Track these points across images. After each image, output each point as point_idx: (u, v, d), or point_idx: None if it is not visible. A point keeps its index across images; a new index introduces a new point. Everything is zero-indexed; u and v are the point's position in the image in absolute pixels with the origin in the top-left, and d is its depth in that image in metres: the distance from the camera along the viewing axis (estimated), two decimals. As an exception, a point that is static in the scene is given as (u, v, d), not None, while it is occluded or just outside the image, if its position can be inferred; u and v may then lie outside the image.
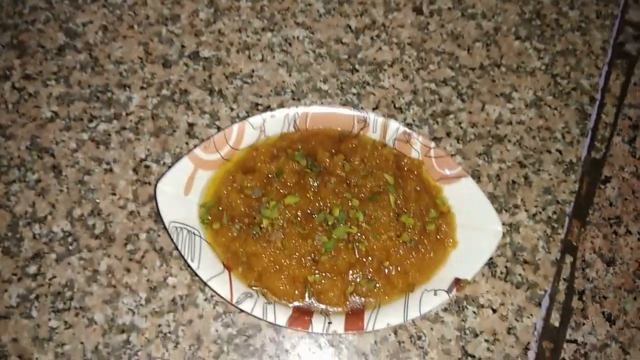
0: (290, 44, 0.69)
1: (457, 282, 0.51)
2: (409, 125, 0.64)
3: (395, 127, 0.56)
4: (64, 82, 0.65)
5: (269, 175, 0.55)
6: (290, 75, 0.67)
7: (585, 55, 0.70)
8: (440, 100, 0.67)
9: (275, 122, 0.56)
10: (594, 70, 0.69)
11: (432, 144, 0.56)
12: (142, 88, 0.66)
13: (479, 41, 0.70)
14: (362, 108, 0.64)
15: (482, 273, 0.58)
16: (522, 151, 0.65)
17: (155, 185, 0.55)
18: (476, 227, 0.53)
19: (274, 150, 0.56)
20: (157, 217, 0.59)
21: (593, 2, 0.74)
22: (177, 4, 0.71)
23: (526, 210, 0.62)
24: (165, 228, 0.55)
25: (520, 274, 0.59)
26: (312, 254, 0.52)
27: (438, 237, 0.53)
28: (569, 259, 0.60)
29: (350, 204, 0.52)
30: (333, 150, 0.55)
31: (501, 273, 0.59)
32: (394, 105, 0.66)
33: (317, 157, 0.55)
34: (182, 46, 0.68)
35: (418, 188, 0.54)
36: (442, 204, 0.55)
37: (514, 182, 0.63)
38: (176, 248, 0.54)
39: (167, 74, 0.67)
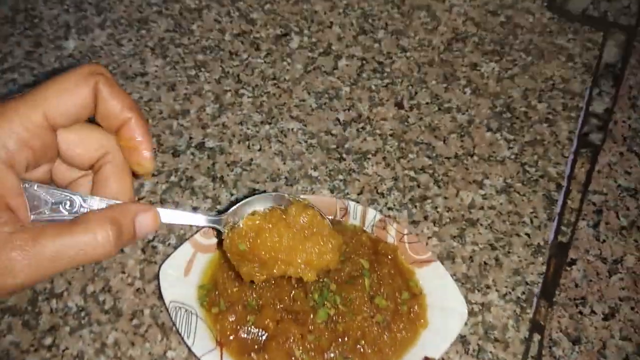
0: (285, 135, 0.78)
1: (427, 361, 0.57)
2: (389, 209, 0.71)
3: (372, 214, 0.63)
4: (85, 170, 0.74)
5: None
6: (284, 163, 0.75)
7: (552, 145, 0.78)
8: (419, 186, 0.74)
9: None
10: (561, 158, 0.76)
11: (406, 231, 0.63)
12: (153, 175, 0.74)
13: (454, 133, 0.78)
14: (345, 196, 0.72)
15: (456, 350, 0.63)
16: (493, 234, 0.71)
17: (160, 266, 0.62)
18: (444, 308, 0.59)
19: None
20: (161, 294, 0.66)
21: (560, 95, 0.82)
22: (187, 100, 0.81)
23: (497, 291, 0.67)
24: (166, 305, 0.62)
25: (491, 352, 0.64)
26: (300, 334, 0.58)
27: (410, 317, 0.59)
28: (536, 337, 0.65)
29: (328, 287, 0.58)
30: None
31: (473, 350, 0.64)
32: (377, 191, 0.73)
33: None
34: (190, 137, 0.77)
35: (392, 271, 0.60)
36: (415, 286, 0.61)
37: (485, 263, 0.69)
38: (174, 325, 0.60)
39: (175, 163, 0.75)
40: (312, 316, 0.57)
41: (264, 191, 0.73)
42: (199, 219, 0.49)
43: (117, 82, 0.40)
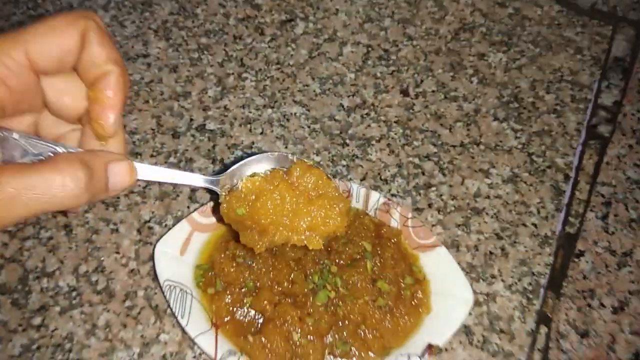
0: (287, 120, 0.76)
1: (430, 348, 0.54)
2: (393, 196, 0.70)
3: (376, 197, 0.61)
4: (82, 149, 0.73)
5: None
6: (286, 147, 0.74)
7: (560, 135, 0.76)
8: (423, 173, 0.72)
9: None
10: (569, 150, 0.75)
11: (410, 214, 0.61)
12: (151, 156, 0.73)
13: (460, 121, 0.77)
14: (349, 179, 0.70)
15: (460, 341, 0.61)
16: (499, 224, 0.69)
17: (154, 245, 0.60)
18: (449, 294, 0.57)
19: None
20: (156, 275, 0.64)
21: (568, 87, 0.80)
22: (189, 82, 0.79)
23: (503, 281, 0.65)
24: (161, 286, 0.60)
25: (496, 343, 0.61)
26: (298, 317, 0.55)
27: (413, 302, 0.57)
28: (543, 329, 0.62)
29: (329, 270, 0.56)
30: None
31: (478, 341, 0.61)
32: (380, 177, 0.71)
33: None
34: (191, 119, 0.76)
35: (395, 255, 0.58)
36: (418, 271, 0.59)
37: (491, 252, 0.67)
38: (168, 305, 0.58)
39: (175, 144, 0.74)
40: (311, 299, 0.55)
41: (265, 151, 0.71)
42: (193, 179, 0.45)
43: (107, 31, 0.38)
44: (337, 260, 0.57)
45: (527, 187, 0.72)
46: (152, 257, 0.65)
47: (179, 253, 0.58)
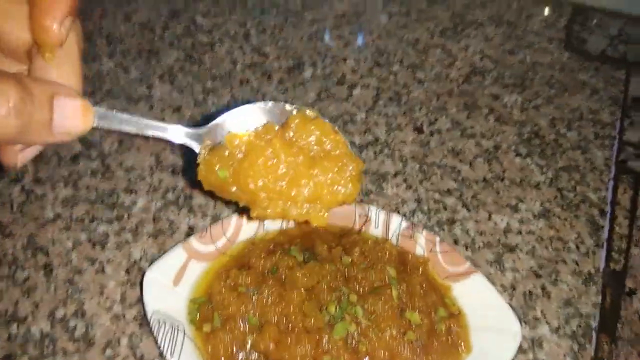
0: (295, 157, 0.71)
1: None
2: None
3: (397, 221, 0.54)
4: (72, 185, 0.67)
5: (264, 272, 0.52)
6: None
7: (589, 171, 0.71)
8: (445, 209, 0.66)
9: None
10: (600, 184, 0.69)
11: (437, 238, 0.54)
12: (147, 192, 0.67)
13: (480, 157, 0.72)
14: (362, 201, 0.63)
15: (505, 394, 0.51)
16: (535, 261, 0.61)
17: (144, 273, 0.52)
18: (491, 328, 0.48)
19: (270, 246, 0.53)
20: (143, 320, 0.55)
21: (589, 125, 0.77)
22: (192, 120, 0.75)
23: (548, 323, 0.56)
24: (149, 328, 0.51)
25: (548, 397, 0.51)
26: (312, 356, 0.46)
27: (449, 339, 0.47)
28: (603, 379, 0.52)
29: (348, 299, 0.47)
30: (333, 245, 0.53)
31: (526, 394, 0.51)
32: (398, 212, 0.65)
33: (315, 250, 0.52)
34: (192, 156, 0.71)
35: (424, 285, 0.50)
36: (452, 304, 0.50)
37: (530, 292, 0.58)
38: (156, 342, 0.48)
39: (174, 181, 0.68)
40: (328, 334, 0.46)
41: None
42: (167, 130, 0.36)
43: None
44: (356, 287, 0.49)
45: (561, 223, 0.65)
46: (139, 300, 0.56)
47: (171, 283, 0.50)
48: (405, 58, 0.87)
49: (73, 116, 0.30)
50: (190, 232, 0.62)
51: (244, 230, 0.55)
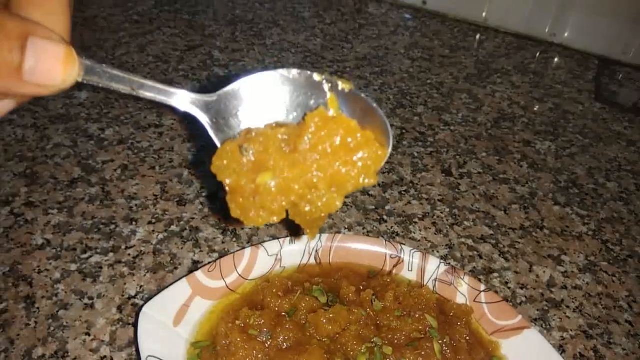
0: (314, 193, 0.65)
1: None
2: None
3: (435, 264, 0.47)
4: (67, 212, 0.60)
5: (281, 314, 0.44)
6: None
7: (634, 224, 0.64)
8: (481, 257, 0.59)
9: (293, 251, 0.48)
10: (648, 239, 0.63)
11: (482, 287, 0.46)
12: (149, 223, 0.60)
13: (515, 204, 0.66)
14: (394, 241, 0.56)
15: None
16: (584, 319, 0.54)
17: (140, 308, 0.44)
18: (550, 394, 0.40)
19: (288, 284, 0.46)
20: (138, 356, 0.47)
21: (629, 176, 0.71)
22: (203, 152, 0.70)
23: (606, 393, 0.48)
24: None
25: None
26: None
27: (500, 406, 0.39)
28: None
29: (381, 351, 0.40)
30: (361, 287, 0.46)
31: None
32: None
33: (341, 292, 0.45)
34: (202, 187, 0.65)
35: (469, 339, 0.42)
36: (501, 364, 0.43)
37: (582, 355, 0.50)
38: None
39: (180, 211, 0.62)
40: (356, 393, 0.38)
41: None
42: (167, 95, 0.30)
43: None
44: (390, 338, 0.41)
45: (609, 278, 0.58)
46: (131, 343, 0.48)
47: (171, 323, 0.43)
48: (429, 100, 0.83)
49: (51, 63, 0.24)
50: (194, 268, 0.55)
51: (259, 265, 0.47)
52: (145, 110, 0.77)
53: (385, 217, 0.62)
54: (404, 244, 0.52)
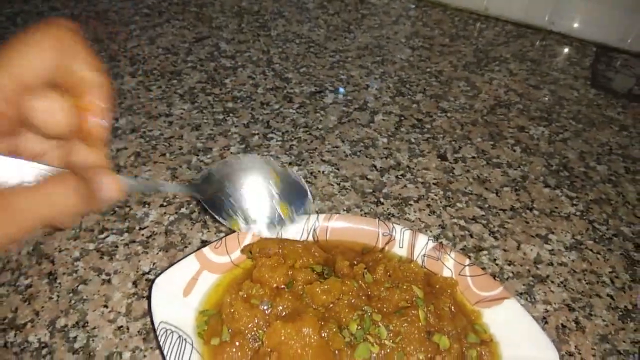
0: (315, 177, 0.69)
1: None
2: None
3: (424, 241, 0.51)
4: (86, 195, 0.65)
5: (280, 286, 0.48)
6: (313, 202, 0.65)
7: (621, 205, 0.67)
8: (471, 236, 0.62)
9: (293, 230, 0.52)
10: (633, 218, 0.66)
11: (467, 261, 0.50)
12: (161, 206, 0.64)
13: (507, 186, 0.69)
14: (386, 220, 0.60)
15: None
16: (568, 293, 0.57)
17: (154, 280, 0.49)
18: (526, 357, 0.43)
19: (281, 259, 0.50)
20: (147, 335, 0.51)
21: (619, 159, 0.74)
22: (211, 139, 0.74)
23: (583, 359, 0.51)
24: (153, 343, 0.47)
25: None
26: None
27: (480, 368, 0.43)
28: None
29: (371, 318, 0.44)
30: (355, 262, 0.50)
31: None
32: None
33: (336, 266, 0.49)
34: (209, 173, 0.69)
35: (453, 308, 0.46)
36: (483, 331, 0.46)
37: (564, 326, 0.54)
38: (162, 353, 0.44)
39: (189, 195, 0.66)
40: (348, 355, 0.42)
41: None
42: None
43: (84, 40, 0.35)
44: (379, 306, 0.45)
45: (594, 255, 0.61)
46: (146, 314, 0.53)
47: (181, 293, 0.47)
48: (428, 88, 0.86)
49: (111, 189, 0.35)
50: (202, 246, 0.60)
51: (261, 242, 0.52)
52: (155, 101, 0.81)
53: (382, 200, 0.66)
54: (398, 224, 0.56)
